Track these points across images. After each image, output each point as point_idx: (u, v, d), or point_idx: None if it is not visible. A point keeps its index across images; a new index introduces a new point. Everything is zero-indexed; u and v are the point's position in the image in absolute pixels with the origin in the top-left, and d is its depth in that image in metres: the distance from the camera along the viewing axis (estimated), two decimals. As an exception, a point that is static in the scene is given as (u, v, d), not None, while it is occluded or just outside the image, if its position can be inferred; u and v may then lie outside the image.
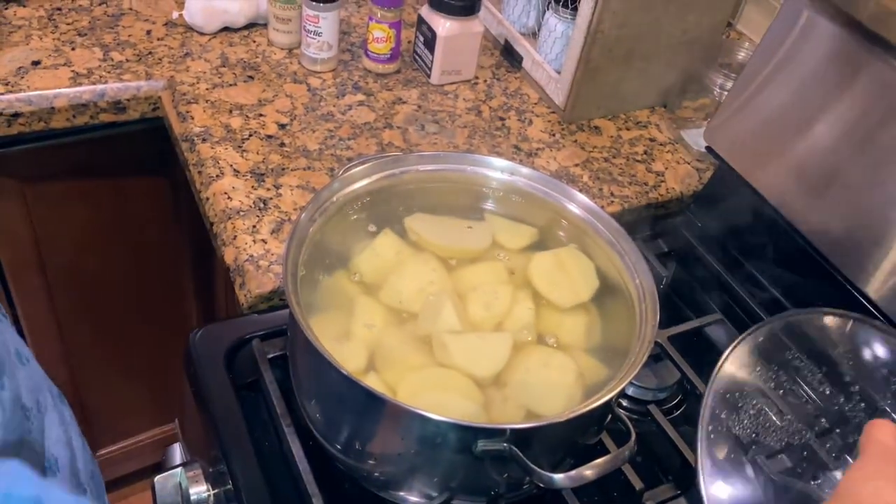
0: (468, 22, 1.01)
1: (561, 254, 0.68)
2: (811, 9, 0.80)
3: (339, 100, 1.00)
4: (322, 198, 0.62)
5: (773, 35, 0.84)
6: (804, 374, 0.67)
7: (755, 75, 0.86)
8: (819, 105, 0.80)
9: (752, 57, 0.86)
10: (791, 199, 0.83)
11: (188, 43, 1.04)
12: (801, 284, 0.84)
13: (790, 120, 0.83)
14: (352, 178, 0.65)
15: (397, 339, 0.61)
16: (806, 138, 0.81)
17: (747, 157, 0.88)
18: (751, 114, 0.87)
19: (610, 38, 0.97)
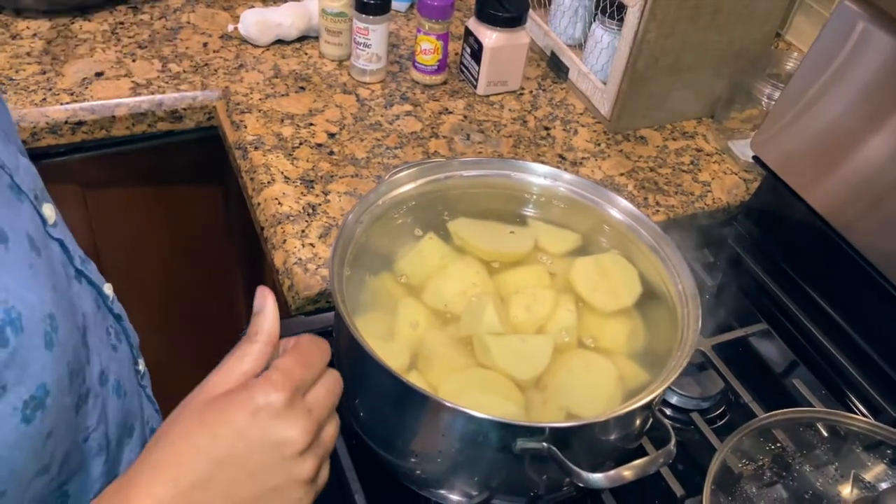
0: (515, 33, 1.03)
1: (603, 259, 0.69)
2: (866, 20, 0.80)
3: (386, 110, 1.02)
4: (369, 200, 0.64)
5: (822, 45, 0.84)
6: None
7: (805, 85, 0.85)
8: (873, 116, 0.79)
9: (801, 66, 0.86)
10: (841, 211, 0.82)
11: (242, 55, 1.08)
12: (850, 295, 0.83)
13: (842, 131, 0.82)
14: (398, 182, 0.67)
15: (439, 340, 0.62)
16: (858, 150, 0.80)
17: (796, 167, 0.87)
18: (800, 124, 0.86)
19: (656, 49, 0.97)
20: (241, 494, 0.42)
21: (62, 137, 0.97)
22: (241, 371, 0.45)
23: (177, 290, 1.22)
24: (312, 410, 0.44)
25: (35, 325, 0.38)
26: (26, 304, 0.37)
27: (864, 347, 0.80)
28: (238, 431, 0.42)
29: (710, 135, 1.08)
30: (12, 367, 0.36)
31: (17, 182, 0.43)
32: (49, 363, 0.38)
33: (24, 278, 0.38)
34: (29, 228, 0.42)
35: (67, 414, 0.42)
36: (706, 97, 1.08)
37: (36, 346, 0.37)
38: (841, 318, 0.83)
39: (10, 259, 0.38)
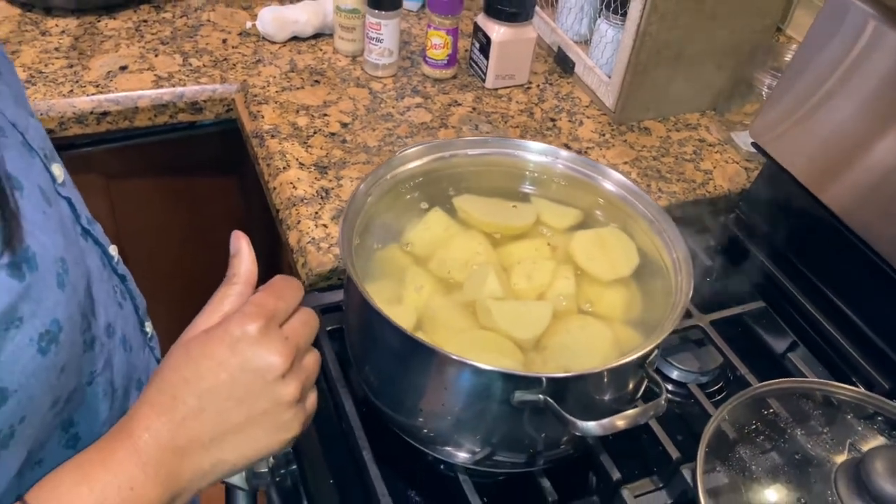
0: (522, 28, 1.06)
1: (602, 232, 0.72)
2: (853, 9, 0.82)
3: (398, 102, 1.06)
4: (379, 174, 0.68)
5: (816, 33, 0.86)
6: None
7: (800, 73, 0.88)
8: (867, 102, 0.81)
9: (796, 54, 0.88)
10: (839, 195, 0.84)
11: (260, 51, 1.12)
12: (845, 275, 0.85)
13: (837, 117, 0.84)
14: (406, 158, 0.70)
15: (444, 304, 0.65)
16: (855, 136, 0.82)
17: (794, 153, 0.89)
18: (797, 111, 0.88)
19: (658, 41, 1.00)
20: (232, 421, 0.45)
21: (87, 127, 1.01)
22: (221, 312, 0.49)
23: (195, 278, 1.26)
24: (289, 338, 0.47)
25: (48, 265, 0.41)
26: (40, 245, 0.40)
27: (858, 324, 0.83)
28: (220, 362, 0.45)
29: (713, 126, 1.10)
30: (28, 300, 0.39)
31: (27, 140, 0.47)
32: (62, 301, 0.42)
33: (38, 222, 0.42)
34: (40, 182, 0.45)
35: (77, 354, 0.46)
36: (709, 89, 1.11)
37: (49, 284, 0.41)
38: (836, 296, 0.85)
39: (25, 204, 0.42)
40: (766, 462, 0.68)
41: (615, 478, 0.67)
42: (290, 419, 0.47)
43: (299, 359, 0.48)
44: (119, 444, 0.43)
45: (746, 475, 0.67)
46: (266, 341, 0.46)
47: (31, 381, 0.39)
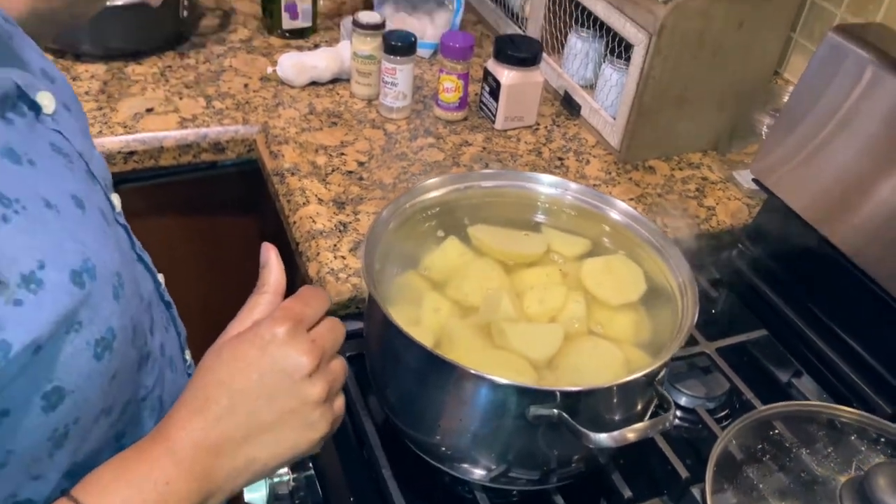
0: (529, 72, 1.12)
1: (611, 259, 0.75)
2: (846, 50, 0.87)
3: (411, 142, 1.11)
4: (399, 202, 0.71)
5: (810, 74, 0.91)
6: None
7: (797, 112, 0.92)
8: (859, 137, 0.85)
9: (792, 95, 0.93)
10: (837, 226, 0.88)
11: (280, 94, 1.17)
12: (844, 303, 0.88)
13: (832, 152, 0.88)
14: (425, 188, 0.74)
15: (460, 326, 0.68)
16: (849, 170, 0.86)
17: (793, 187, 0.93)
18: (795, 148, 0.93)
19: (661, 83, 1.05)
20: (262, 419, 0.48)
21: (115, 166, 1.06)
22: (252, 318, 0.52)
23: (214, 313, 1.29)
24: (316, 341, 0.51)
25: (106, 278, 0.44)
26: (100, 259, 0.44)
27: (859, 351, 0.85)
28: (251, 363, 0.49)
29: (715, 165, 1.15)
30: (86, 308, 0.42)
31: (91, 169, 0.51)
32: (116, 311, 0.45)
33: (99, 239, 0.45)
34: (101, 205, 0.49)
35: (130, 365, 0.49)
36: (710, 130, 1.15)
37: (106, 295, 0.44)
38: (836, 324, 0.88)
39: (87, 222, 0.45)
40: (773, 482, 0.70)
41: (626, 496, 0.69)
42: (317, 418, 0.50)
43: (326, 361, 0.51)
44: (156, 443, 0.46)
45: (754, 495, 0.69)
46: (294, 343, 0.49)
47: (86, 384, 0.43)
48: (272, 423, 0.49)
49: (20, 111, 0.46)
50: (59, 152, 0.48)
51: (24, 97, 0.46)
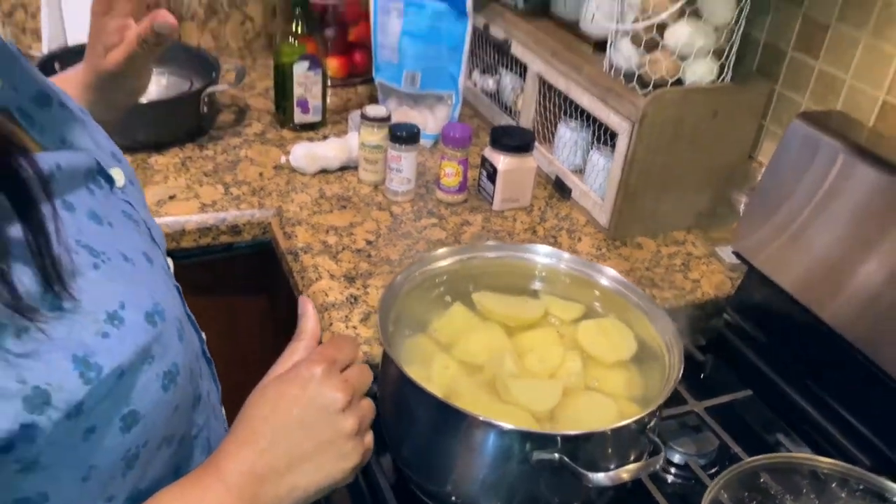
0: (523, 158, 1.21)
1: (604, 322, 0.82)
2: (808, 135, 0.97)
3: (416, 222, 1.19)
4: (412, 270, 0.79)
5: (779, 155, 1.00)
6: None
7: (770, 190, 1.01)
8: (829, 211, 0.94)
9: (764, 175, 1.02)
10: (813, 293, 0.95)
11: (293, 181, 1.26)
12: (821, 364, 0.94)
13: (804, 226, 0.97)
14: (434, 258, 0.82)
15: (468, 383, 0.74)
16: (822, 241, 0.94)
17: (772, 260, 1.01)
18: (770, 222, 1.01)
19: (644, 167, 1.15)
20: (302, 449, 0.54)
21: (140, 247, 1.13)
22: (292, 361, 0.59)
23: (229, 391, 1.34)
24: (348, 380, 0.58)
25: (171, 321, 0.51)
26: (167, 305, 0.51)
27: (837, 408, 0.91)
28: (292, 400, 0.55)
29: (699, 241, 1.23)
30: (158, 344, 0.49)
31: (153, 235, 0.59)
32: (180, 351, 0.52)
33: (164, 289, 0.53)
34: (163, 265, 0.57)
35: (187, 402, 0.55)
36: (692, 209, 1.24)
37: (172, 335, 0.51)
38: (816, 384, 0.94)
39: (155, 275, 0.53)
40: (761, 528, 0.75)
41: (626, 543, 0.74)
42: (350, 449, 0.56)
43: (357, 399, 0.58)
44: (208, 473, 0.52)
45: (745, 539, 0.74)
46: (329, 381, 0.56)
47: (154, 410, 0.49)
48: (311, 453, 0.54)
49: (99, 183, 0.54)
50: (130, 218, 0.56)
51: (102, 172, 0.55)
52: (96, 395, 0.44)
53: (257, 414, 0.55)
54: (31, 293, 0.42)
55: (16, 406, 0.41)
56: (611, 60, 1.18)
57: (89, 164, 0.53)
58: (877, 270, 0.87)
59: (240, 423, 0.55)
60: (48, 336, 0.43)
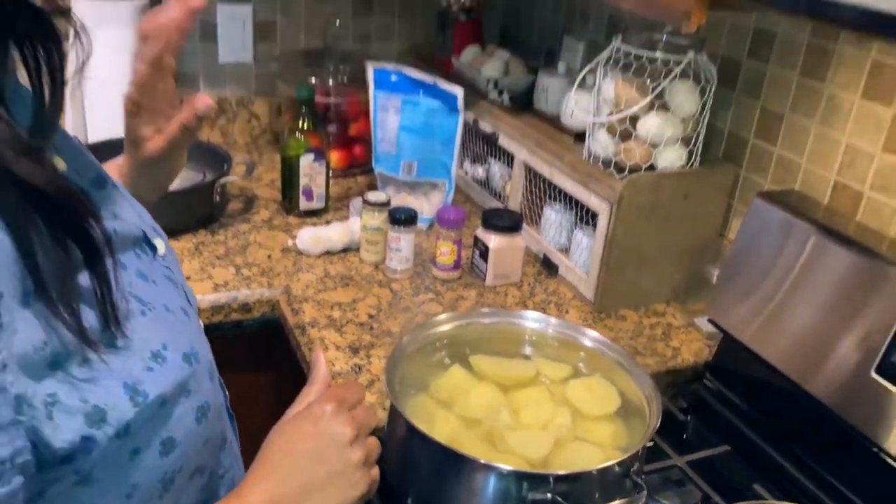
0: (513, 238, 1.32)
1: (589, 380, 0.90)
2: (774, 215, 1.08)
3: (414, 298, 1.28)
4: (416, 333, 0.87)
5: (744, 231, 1.11)
6: None
7: (737, 263, 1.11)
8: (795, 283, 1.04)
9: (732, 249, 1.13)
10: (783, 356, 1.04)
11: (299, 262, 1.36)
12: (795, 420, 1.02)
13: (771, 296, 1.06)
14: (436, 323, 0.90)
15: (467, 435, 0.82)
16: (790, 309, 1.04)
17: (742, 325, 1.10)
18: (740, 292, 1.11)
19: (623, 245, 1.25)
20: (316, 479, 0.62)
21: (157, 325, 1.21)
22: (306, 402, 0.68)
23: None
24: (355, 417, 0.66)
25: (204, 364, 0.59)
26: (201, 350, 0.59)
27: (809, 462, 0.98)
28: (306, 435, 0.63)
29: (678, 313, 1.32)
30: (193, 380, 0.57)
31: (188, 299, 0.68)
32: (211, 391, 0.59)
33: (199, 338, 0.61)
34: (197, 321, 0.65)
35: (216, 440, 0.62)
36: (670, 283, 1.34)
37: (205, 375, 0.59)
38: (788, 438, 1.01)
39: (191, 326, 0.62)
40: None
41: (616, 583, 0.79)
42: (358, 479, 0.64)
43: (363, 436, 0.66)
44: (232, 501, 0.59)
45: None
46: (338, 418, 0.64)
47: (188, 440, 0.56)
48: (323, 482, 0.62)
49: (144, 250, 0.63)
50: (169, 280, 0.64)
51: (147, 241, 0.64)
52: (142, 418, 0.51)
53: (275, 448, 0.63)
54: (94, 330, 0.50)
55: (79, 421, 0.48)
56: (589, 149, 1.30)
57: (137, 233, 0.63)
58: (839, 333, 0.96)
59: (260, 458, 0.63)
60: (106, 366, 0.50)
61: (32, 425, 0.46)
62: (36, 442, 0.46)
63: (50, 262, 0.47)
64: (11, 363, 0.44)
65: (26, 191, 0.46)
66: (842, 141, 1.13)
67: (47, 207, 0.47)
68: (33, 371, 0.46)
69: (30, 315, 0.46)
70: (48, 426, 0.47)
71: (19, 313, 0.45)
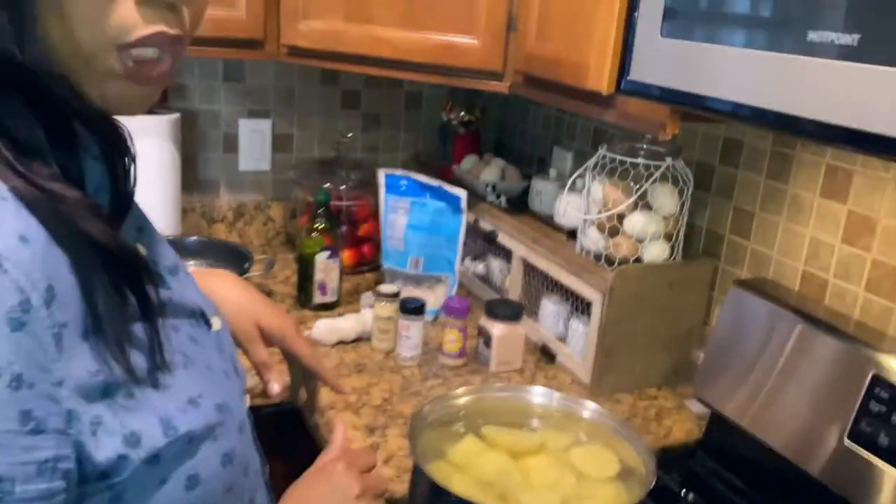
0: (514, 326, 1.43)
1: (591, 447, 0.99)
2: (747, 302, 1.20)
3: (423, 383, 1.38)
4: (435, 403, 0.97)
5: (723, 318, 1.23)
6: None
7: (721, 346, 1.23)
8: (773, 362, 1.15)
9: (712, 336, 1.24)
10: (770, 432, 1.13)
11: (315, 351, 1.46)
12: (779, 487, 1.11)
13: (752, 375, 1.17)
14: (454, 395, 1.00)
15: (482, 495, 0.90)
16: (772, 386, 1.14)
17: (730, 404, 1.20)
18: (724, 373, 1.22)
19: (616, 332, 1.36)
20: None
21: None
22: (323, 461, 0.79)
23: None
24: (364, 476, 0.77)
25: (235, 417, 0.66)
26: (234, 405, 0.67)
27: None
28: (319, 487, 0.75)
29: (670, 396, 1.42)
30: (221, 428, 0.64)
31: (236, 368, 0.78)
32: (237, 441, 0.67)
33: (234, 397, 0.69)
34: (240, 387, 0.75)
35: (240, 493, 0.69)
36: (660, 367, 1.44)
37: (233, 426, 0.66)
38: (776, 503, 1.10)
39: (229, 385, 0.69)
40: None
41: None
42: None
43: (370, 495, 0.76)
44: None
45: None
46: (348, 473, 0.76)
47: (212, 481, 0.63)
48: None
49: (200, 323, 0.73)
50: (218, 350, 0.74)
51: (204, 317, 0.74)
52: (170, 450, 0.59)
53: (297, 495, 0.73)
54: (141, 371, 0.58)
55: (117, 441, 0.56)
56: (582, 244, 1.43)
57: (195, 307, 0.72)
58: (814, 405, 1.07)
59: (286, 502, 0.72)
60: (147, 401, 0.58)
61: (79, 440, 0.53)
62: (80, 456, 0.54)
63: (109, 308, 0.56)
64: (68, 382, 0.52)
65: (97, 247, 0.55)
66: (806, 234, 1.26)
67: (112, 263, 0.56)
68: (86, 393, 0.54)
69: (87, 347, 0.54)
70: (91, 442, 0.54)
71: (79, 344, 0.53)
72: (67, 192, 0.54)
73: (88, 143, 0.61)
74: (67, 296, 0.52)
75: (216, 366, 0.70)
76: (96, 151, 0.62)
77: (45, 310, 0.50)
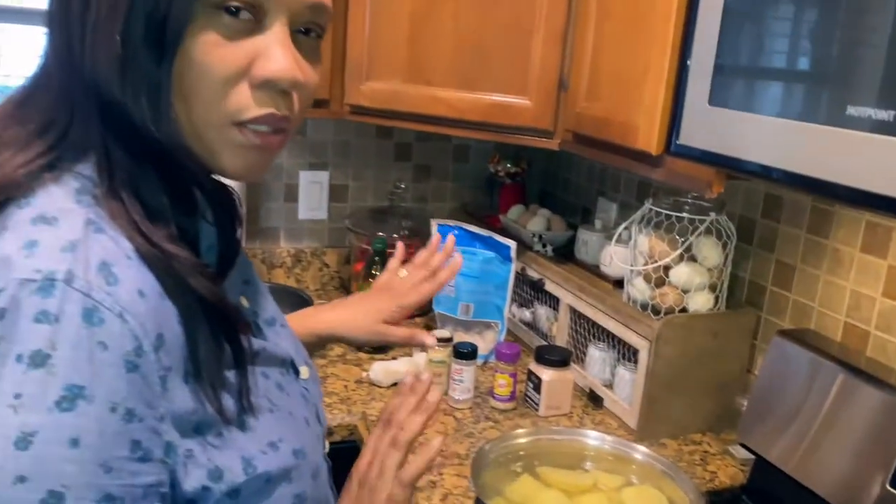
0: (563, 372, 1.49)
1: (641, 488, 1.05)
2: (790, 352, 1.25)
3: (475, 425, 1.44)
4: (497, 443, 1.04)
5: (766, 366, 1.28)
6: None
7: (764, 394, 1.27)
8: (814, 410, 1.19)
9: (756, 383, 1.29)
10: (813, 476, 1.17)
11: (372, 392, 1.53)
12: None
13: (795, 422, 1.22)
14: (514, 436, 1.07)
15: (541, 531, 0.96)
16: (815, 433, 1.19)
17: (773, 450, 1.24)
18: (768, 419, 1.26)
19: (662, 379, 1.41)
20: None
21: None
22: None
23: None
24: None
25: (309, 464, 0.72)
26: (310, 452, 0.73)
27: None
28: None
29: (714, 442, 1.46)
30: (296, 472, 0.69)
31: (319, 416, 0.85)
32: (310, 486, 0.72)
33: (313, 445, 0.75)
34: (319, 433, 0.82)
35: None
36: (705, 414, 1.48)
37: (307, 472, 0.72)
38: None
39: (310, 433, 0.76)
40: None
41: None
42: None
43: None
44: None
45: None
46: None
47: None
48: None
49: (289, 371, 0.79)
50: (304, 397, 0.81)
51: (293, 366, 0.81)
52: (248, 487, 0.65)
53: None
54: (231, 413, 0.65)
55: (203, 473, 0.62)
56: (628, 294, 1.50)
57: (285, 357, 0.79)
58: (858, 452, 1.11)
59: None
60: (233, 441, 0.65)
61: (173, 468, 0.60)
62: (173, 482, 0.60)
63: (207, 355, 0.63)
64: (168, 417, 0.59)
65: (201, 301, 0.62)
66: (847, 287, 1.31)
67: (213, 315, 0.63)
68: (182, 429, 0.61)
69: (187, 389, 0.61)
70: (182, 472, 0.61)
71: (180, 385, 0.60)
72: (180, 252, 0.61)
73: (205, 208, 0.69)
74: (174, 343, 0.59)
75: (298, 413, 0.75)
76: (211, 216, 0.70)
77: (155, 355, 0.57)
